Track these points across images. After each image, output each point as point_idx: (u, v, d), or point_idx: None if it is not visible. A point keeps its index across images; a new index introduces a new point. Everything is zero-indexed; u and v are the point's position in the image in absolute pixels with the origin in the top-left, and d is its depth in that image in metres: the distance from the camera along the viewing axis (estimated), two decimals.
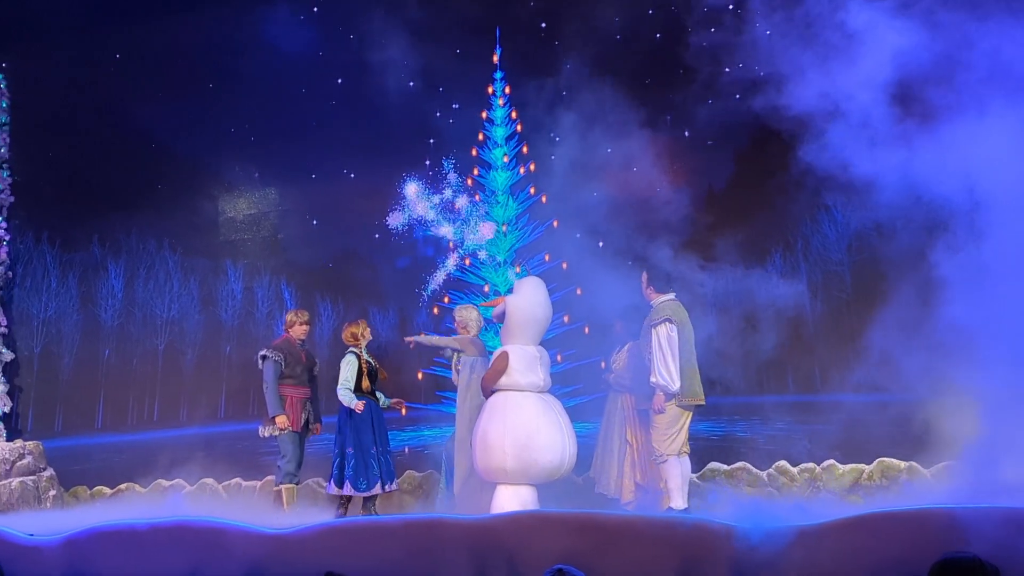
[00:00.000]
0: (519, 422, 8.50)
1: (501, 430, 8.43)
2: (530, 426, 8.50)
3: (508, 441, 8.38)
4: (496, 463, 8.37)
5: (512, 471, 8.40)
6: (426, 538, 7.09)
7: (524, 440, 8.43)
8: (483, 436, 8.47)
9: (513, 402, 8.65)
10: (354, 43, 12.55)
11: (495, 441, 8.40)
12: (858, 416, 9.82)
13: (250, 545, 7.34)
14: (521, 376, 8.67)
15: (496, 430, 8.44)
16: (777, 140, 10.15)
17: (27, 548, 7.82)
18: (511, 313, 8.80)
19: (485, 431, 8.48)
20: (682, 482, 8.58)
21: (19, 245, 14.04)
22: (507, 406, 8.60)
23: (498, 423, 8.47)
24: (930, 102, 9.38)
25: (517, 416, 8.54)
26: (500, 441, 8.39)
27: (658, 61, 10.74)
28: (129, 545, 7.61)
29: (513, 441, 8.40)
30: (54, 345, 13.82)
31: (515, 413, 8.56)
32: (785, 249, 10.53)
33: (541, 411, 8.59)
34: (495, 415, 8.51)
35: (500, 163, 11.07)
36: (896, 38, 9.09)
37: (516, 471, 8.41)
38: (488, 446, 8.40)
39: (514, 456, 8.37)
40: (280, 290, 12.76)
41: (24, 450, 12.80)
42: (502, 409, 8.56)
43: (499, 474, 8.40)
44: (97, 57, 13.91)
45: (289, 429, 9.58)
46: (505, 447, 8.37)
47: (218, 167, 13.31)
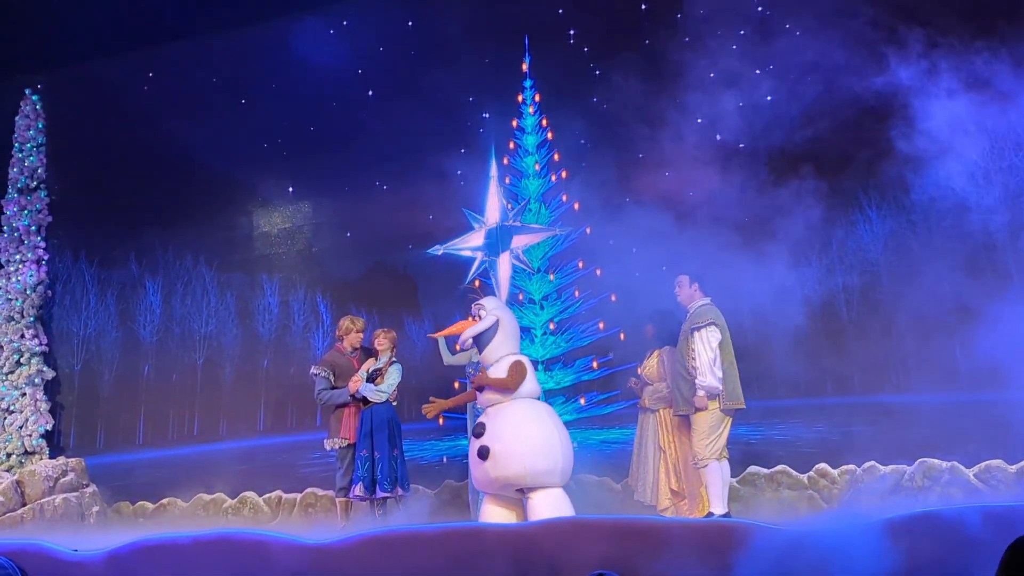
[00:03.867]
0: (559, 424, 8.60)
1: (551, 432, 8.45)
2: (564, 428, 8.63)
3: (559, 442, 8.42)
4: (549, 465, 8.34)
5: (564, 471, 8.42)
6: (466, 547, 7.08)
7: (568, 441, 8.52)
8: (529, 441, 8.36)
9: (543, 407, 8.73)
10: (384, 56, 12.63)
11: (546, 443, 8.37)
12: (898, 417, 9.75)
13: (292, 557, 7.36)
14: (534, 384, 8.75)
15: (545, 433, 8.42)
16: (810, 142, 10.13)
17: (71, 564, 7.87)
18: (505, 325, 8.79)
19: (531, 436, 8.38)
20: (722, 487, 8.55)
21: (58, 264, 14.18)
22: (540, 409, 8.63)
23: (546, 426, 8.47)
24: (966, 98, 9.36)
25: (555, 419, 8.63)
26: (552, 442, 8.39)
27: (687, 65, 10.71)
28: (172, 559, 7.65)
29: (562, 441, 8.46)
30: (94, 362, 13.94)
31: (552, 416, 8.65)
32: (820, 251, 10.46)
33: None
34: (533, 419, 8.47)
35: (531, 171, 11.07)
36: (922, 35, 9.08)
37: (566, 471, 8.45)
38: (538, 449, 8.33)
39: (565, 456, 8.40)
40: (316, 303, 12.82)
41: (67, 467, 12.93)
42: (539, 414, 8.57)
43: (550, 476, 8.37)
44: (131, 76, 14.04)
45: (346, 440, 9.64)
46: (557, 447, 8.38)
47: (252, 182, 13.40)
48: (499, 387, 8.56)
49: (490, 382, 8.59)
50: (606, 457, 10.64)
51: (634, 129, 10.83)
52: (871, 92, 9.86)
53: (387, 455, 9.41)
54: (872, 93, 9.84)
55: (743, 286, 9.85)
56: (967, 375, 9.58)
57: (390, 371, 9.54)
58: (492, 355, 8.73)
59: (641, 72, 10.85)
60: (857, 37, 10.11)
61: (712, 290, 8.99)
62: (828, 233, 10.41)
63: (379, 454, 9.37)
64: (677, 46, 11.01)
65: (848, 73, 10.05)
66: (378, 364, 9.60)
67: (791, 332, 10.08)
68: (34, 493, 12.61)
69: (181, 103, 13.58)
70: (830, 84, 10.32)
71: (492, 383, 8.58)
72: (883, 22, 10.13)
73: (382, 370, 9.57)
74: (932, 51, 9.44)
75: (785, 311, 10.04)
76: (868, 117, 9.82)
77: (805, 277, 10.41)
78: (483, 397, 8.69)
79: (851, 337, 10.29)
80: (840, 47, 10.17)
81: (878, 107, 9.80)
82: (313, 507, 11.94)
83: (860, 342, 10.23)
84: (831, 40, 10.26)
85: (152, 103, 13.77)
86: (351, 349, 9.99)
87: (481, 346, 8.77)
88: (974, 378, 9.29)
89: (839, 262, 10.46)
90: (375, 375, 9.55)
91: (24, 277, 13.68)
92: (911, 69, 9.48)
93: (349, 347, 9.99)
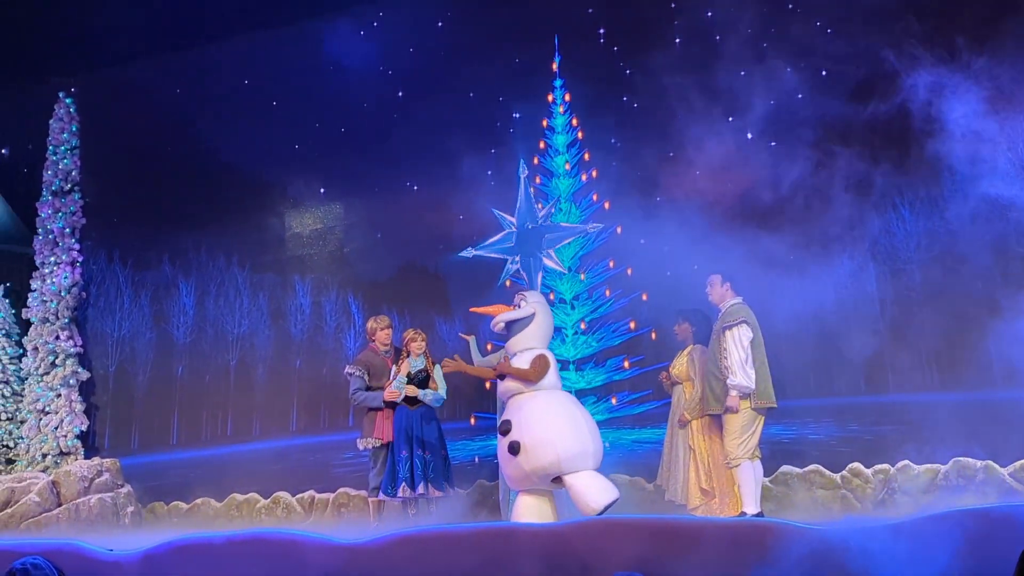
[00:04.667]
0: (582, 408, 8.79)
1: (576, 416, 8.51)
2: (587, 412, 8.84)
3: (585, 425, 8.51)
4: (580, 448, 8.36)
5: (595, 452, 8.46)
6: (498, 546, 7.10)
7: (593, 423, 8.66)
8: (556, 427, 8.37)
9: (563, 394, 8.88)
10: (414, 57, 12.65)
11: (574, 427, 8.41)
12: (932, 416, 9.68)
13: (324, 556, 7.40)
14: (556, 379, 8.84)
15: (571, 417, 8.48)
16: (842, 140, 10.08)
17: (107, 564, 7.94)
18: (540, 320, 8.88)
19: (557, 422, 8.40)
20: (755, 486, 8.53)
21: (92, 266, 14.28)
22: (561, 396, 8.78)
23: (570, 410, 8.55)
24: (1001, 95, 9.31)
25: (576, 404, 8.81)
26: (579, 425, 8.44)
27: (718, 63, 10.68)
28: (206, 558, 7.71)
29: (588, 423, 8.57)
30: (129, 363, 14.03)
31: (573, 401, 8.82)
32: (853, 249, 10.40)
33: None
34: (556, 406, 8.54)
35: (562, 170, 11.06)
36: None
37: (597, 452, 8.50)
38: (567, 434, 8.36)
39: (594, 438, 8.48)
40: (347, 303, 12.85)
41: (102, 467, 13.02)
42: (561, 400, 8.68)
43: (583, 459, 8.37)
44: (163, 79, 14.12)
45: (379, 441, 9.68)
46: (585, 430, 8.44)
47: (284, 183, 13.45)
48: (520, 377, 8.71)
49: (511, 371, 8.76)
50: (638, 457, 10.62)
51: (664, 128, 10.80)
52: (905, 89, 9.81)
53: (438, 454, 9.51)
54: (906, 90, 9.78)
55: (775, 285, 9.82)
56: (1001, 373, 9.50)
57: (438, 373, 9.63)
58: (518, 345, 8.88)
59: (671, 70, 10.81)
60: (890, 34, 10.06)
61: (744, 289, 8.96)
62: (861, 231, 10.33)
63: (429, 454, 9.43)
64: (707, 44, 10.99)
65: (881, 70, 9.99)
66: (418, 365, 9.60)
67: (824, 331, 10.04)
68: (69, 493, 12.70)
69: (213, 105, 13.64)
70: (863, 81, 10.27)
71: (516, 373, 8.73)
72: (916, 19, 10.08)
73: (425, 371, 9.60)
74: (967, 47, 9.38)
75: (818, 310, 10.00)
76: (901, 114, 9.75)
77: (838, 276, 10.34)
78: (503, 386, 8.83)
79: (885, 336, 10.21)
80: (873, 44, 10.12)
81: (912, 104, 9.73)
82: (346, 507, 11.97)
83: (894, 341, 10.15)
84: (863, 37, 10.22)
85: (184, 105, 13.83)
86: (384, 348, 10.03)
87: (511, 334, 8.91)
88: (1009, 376, 9.22)
89: (872, 260, 10.39)
90: (422, 378, 9.56)
91: (59, 279, 13.79)
92: (946, 65, 9.43)
93: (381, 346, 10.03)
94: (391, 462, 9.49)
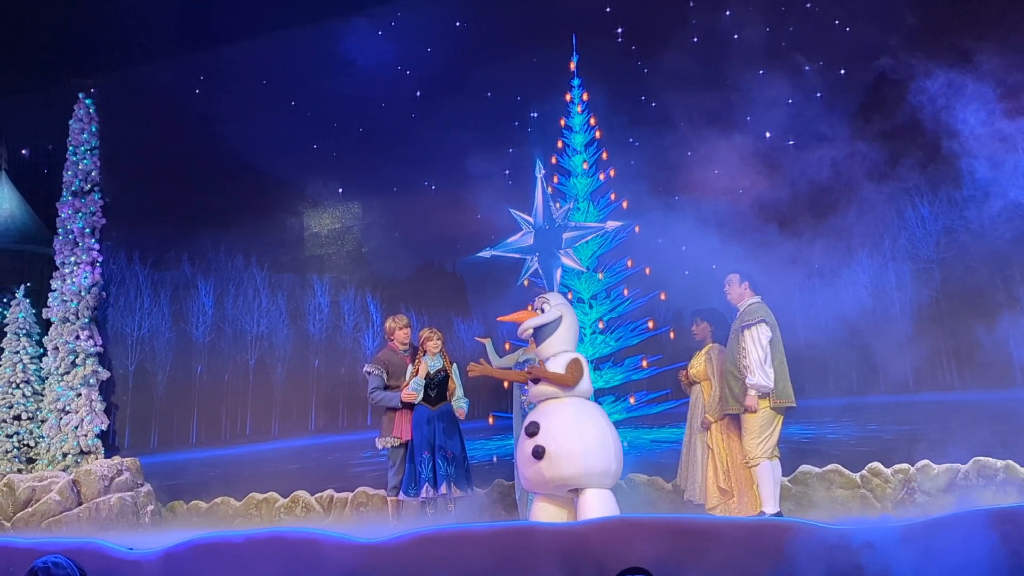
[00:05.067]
0: (611, 425, 8.60)
1: (606, 433, 8.44)
2: (615, 430, 8.65)
3: (613, 443, 8.41)
4: (604, 466, 8.33)
5: (616, 472, 8.42)
6: (516, 546, 7.10)
7: (619, 443, 8.54)
8: (585, 441, 8.32)
9: (595, 407, 8.73)
10: (432, 56, 12.65)
11: (602, 444, 8.36)
12: (951, 415, 9.66)
13: (344, 555, 7.41)
14: (589, 383, 8.72)
15: (601, 433, 8.42)
16: (861, 138, 10.05)
17: (127, 562, 7.97)
18: (568, 322, 8.79)
19: (586, 436, 8.34)
20: (774, 486, 8.51)
21: (112, 266, 14.34)
22: (594, 410, 8.63)
23: (601, 426, 8.46)
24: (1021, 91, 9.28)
25: (607, 420, 8.63)
26: (607, 443, 8.39)
27: (735, 62, 10.66)
28: (226, 557, 7.73)
29: (615, 442, 8.46)
30: (148, 363, 14.09)
31: (604, 417, 8.65)
32: (872, 248, 10.37)
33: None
34: (588, 419, 8.45)
35: (580, 170, 11.06)
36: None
37: (617, 472, 8.46)
38: (594, 450, 8.31)
39: (617, 458, 8.41)
40: (366, 302, 12.87)
41: (122, 467, 13.07)
42: (593, 414, 8.56)
43: (604, 477, 8.36)
44: (182, 79, 14.16)
45: (398, 440, 9.71)
46: (612, 449, 8.38)
47: (302, 183, 13.47)
48: (557, 382, 8.50)
49: (549, 375, 8.53)
50: (656, 456, 10.62)
51: (683, 127, 10.79)
52: (925, 88, 9.77)
53: (459, 453, 9.54)
54: (926, 89, 9.75)
55: (794, 284, 9.81)
56: (1022, 372, 9.47)
57: (456, 376, 9.65)
58: (550, 349, 8.69)
59: (689, 69, 10.80)
60: (909, 32, 10.02)
61: (762, 288, 8.94)
62: (880, 230, 10.31)
63: (451, 453, 9.45)
64: (725, 43, 10.97)
65: (900, 68, 9.95)
66: (436, 365, 9.62)
67: (843, 330, 10.01)
68: (90, 492, 12.76)
69: (232, 105, 13.67)
70: (882, 80, 10.24)
71: (551, 377, 8.52)
72: (935, 16, 10.05)
73: (443, 371, 9.63)
74: (986, 46, 9.33)
75: (837, 309, 9.98)
76: (920, 112, 9.71)
77: (857, 274, 10.33)
78: (536, 390, 8.64)
79: (904, 335, 10.16)
80: (892, 42, 10.09)
81: (931, 103, 9.70)
82: (364, 506, 12.00)
83: (913, 340, 10.10)
84: (882, 36, 10.19)
85: (203, 106, 13.86)
86: (402, 348, 10.05)
87: (540, 339, 8.73)
88: None
89: (891, 259, 10.36)
90: (442, 378, 9.58)
91: (79, 279, 13.85)
92: (964, 63, 9.39)
93: (400, 345, 10.05)
94: (411, 463, 9.50)
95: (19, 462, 13.53)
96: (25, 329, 13.99)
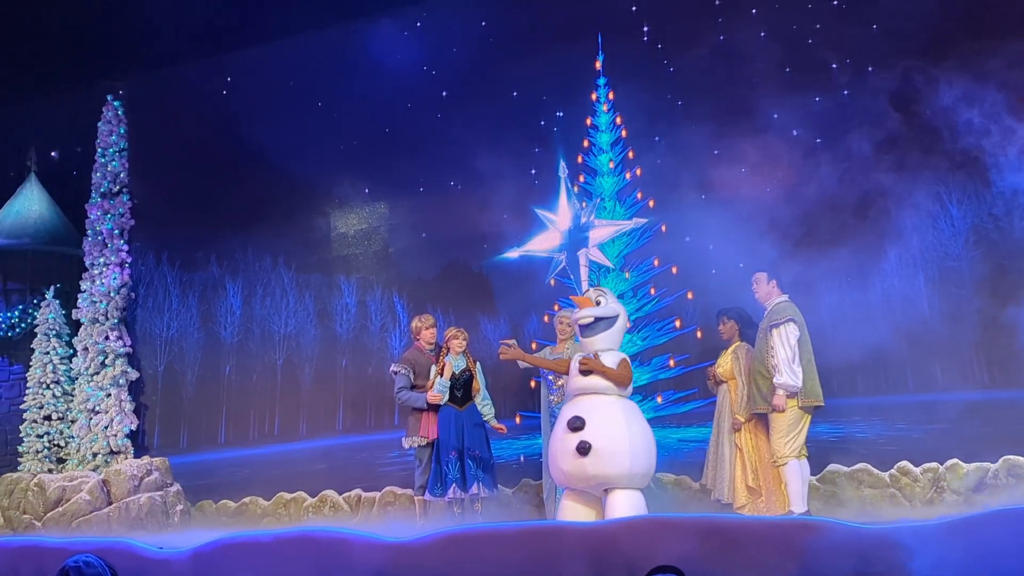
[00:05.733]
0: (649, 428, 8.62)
1: (649, 436, 8.46)
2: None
3: (654, 445, 8.46)
4: (646, 469, 8.36)
5: (650, 476, 8.47)
6: (545, 545, 7.09)
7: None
8: (633, 442, 8.31)
9: (639, 409, 8.73)
10: (458, 56, 12.66)
11: (647, 446, 8.38)
12: (981, 414, 9.60)
13: (372, 554, 7.43)
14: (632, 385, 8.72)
15: (646, 436, 8.43)
16: (889, 136, 10.01)
17: (157, 561, 8.01)
18: (624, 322, 8.78)
19: (634, 437, 8.32)
20: (802, 485, 8.49)
21: (141, 267, 14.40)
22: (638, 411, 8.65)
23: (646, 429, 8.48)
24: None
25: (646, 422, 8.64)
26: (650, 446, 8.41)
27: (763, 60, 10.63)
28: (254, 556, 7.76)
29: (654, 445, 8.51)
30: (177, 363, 14.15)
31: (645, 420, 8.65)
32: (900, 247, 10.31)
33: None
34: (635, 420, 8.46)
35: (606, 169, 11.05)
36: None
37: (650, 476, 8.52)
38: (640, 452, 8.31)
39: (654, 461, 8.46)
40: (392, 303, 12.89)
41: (151, 466, 13.15)
42: (639, 415, 8.58)
43: (642, 479, 8.38)
44: (209, 81, 14.22)
45: (425, 439, 9.74)
46: (653, 451, 8.41)
47: (329, 184, 13.50)
48: (613, 378, 8.42)
49: (606, 370, 8.44)
50: (683, 455, 10.59)
51: (709, 125, 10.77)
52: (951, 85, 9.73)
53: (486, 453, 9.56)
54: (952, 85, 9.70)
55: (821, 283, 9.77)
56: None
57: (480, 377, 9.67)
58: (599, 344, 8.61)
59: (716, 68, 10.79)
60: (937, 30, 9.96)
61: (789, 287, 8.92)
62: (908, 228, 10.25)
63: (479, 452, 9.48)
64: (752, 41, 10.94)
65: (927, 66, 9.91)
66: (460, 365, 9.64)
67: (871, 329, 9.96)
68: (120, 492, 12.84)
69: (259, 107, 13.70)
70: (909, 77, 10.18)
71: (607, 372, 8.43)
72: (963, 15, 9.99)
73: (468, 371, 9.65)
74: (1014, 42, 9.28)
75: (865, 307, 9.94)
76: (947, 110, 9.66)
77: (885, 273, 10.28)
78: (581, 383, 8.52)
79: (933, 333, 10.12)
80: (920, 40, 10.03)
81: (958, 100, 9.65)
82: (392, 505, 12.03)
83: (942, 338, 10.06)
84: (910, 34, 10.12)
85: (230, 107, 13.90)
86: (429, 347, 10.08)
87: (592, 332, 8.61)
88: None
89: (920, 257, 10.30)
90: (466, 378, 9.61)
91: (108, 280, 13.93)
92: (992, 60, 9.34)
93: (427, 345, 10.08)
94: (437, 463, 9.53)
95: (49, 462, 13.62)
96: (55, 330, 14.08)
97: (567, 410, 8.57)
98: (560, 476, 8.55)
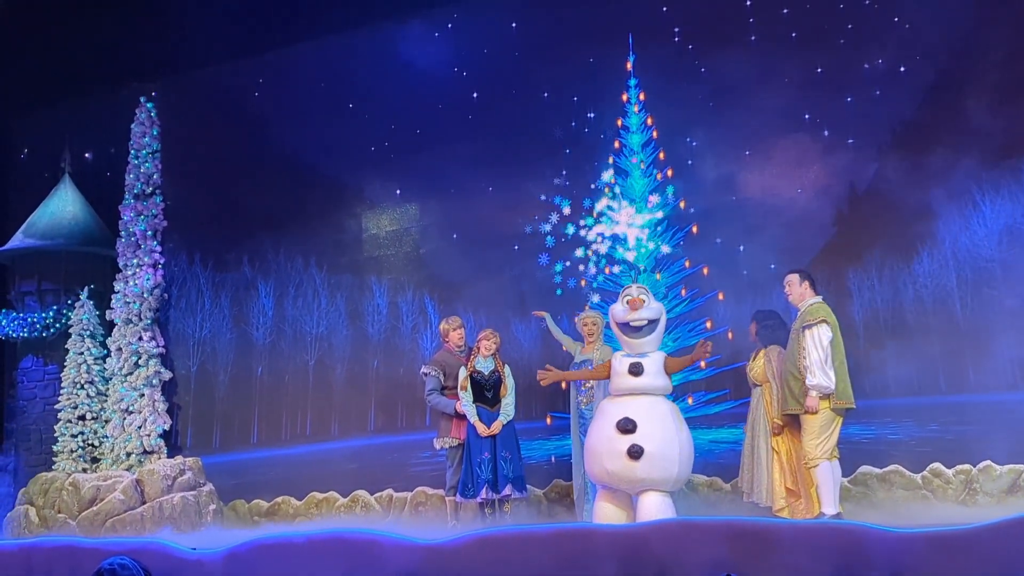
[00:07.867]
0: None
1: (691, 442, 8.56)
2: None
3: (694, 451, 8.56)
4: (687, 472, 8.47)
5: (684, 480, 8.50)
6: (576, 547, 7.11)
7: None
8: (683, 447, 8.33)
9: (680, 413, 8.78)
10: (488, 58, 12.68)
11: (691, 451, 8.51)
12: (1014, 415, 9.54)
13: (403, 556, 7.46)
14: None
15: (689, 439, 8.54)
16: (920, 136, 9.96)
17: (190, 562, 8.07)
18: (664, 318, 8.83)
19: (683, 442, 8.35)
20: (834, 487, 8.46)
21: (174, 268, 14.48)
22: (681, 415, 8.71)
23: (689, 435, 8.59)
24: None
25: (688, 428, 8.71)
26: (692, 452, 8.52)
27: (794, 60, 10.61)
28: (287, 557, 7.80)
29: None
30: (210, 363, 14.22)
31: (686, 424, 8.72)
32: (932, 246, 10.25)
33: None
34: (683, 426, 8.53)
35: (637, 170, 11.05)
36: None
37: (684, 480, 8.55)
38: (687, 457, 8.40)
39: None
40: (424, 304, 12.92)
41: (184, 466, 13.22)
42: (683, 420, 8.65)
43: (678, 484, 8.47)
44: (241, 83, 14.30)
45: (456, 440, 9.78)
46: (693, 457, 8.50)
47: (360, 185, 13.53)
48: (678, 370, 8.76)
49: (683, 365, 8.78)
50: (715, 457, 10.58)
51: (740, 126, 10.76)
52: (982, 83, 9.68)
53: (516, 454, 9.58)
54: (983, 83, 9.65)
55: (853, 284, 9.73)
56: None
57: (509, 380, 9.68)
58: (650, 346, 8.70)
59: (747, 68, 10.76)
60: (968, 30, 9.90)
61: (822, 288, 8.89)
62: (941, 228, 10.19)
63: (509, 454, 9.49)
64: (783, 41, 10.91)
65: (958, 65, 9.86)
66: (488, 367, 9.66)
67: (903, 330, 9.92)
68: (153, 492, 12.92)
69: (290, 108, 13.77)
70: (940, 76, 10.13)
71: (682, 366, 8.76)
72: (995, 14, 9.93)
73: (496, 372, 9.66)
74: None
75: (897, 309, 9.89)
76: (980, 109, 9.61)
77: (917, 273, 10.23)
78: (631, 383, 8.56)
79: (965, 334, 10.06)
80: (951, 40, 9.97)
81: (990, 98, 9.60)
82: (423, 506, 12.06)
83: (974, 339, 10.00)
84: (941, 33, 10.07)
85: (262, 108, 13.97)
86: (458, 349, 10.12)
87: (646, 333, 8.67)
88: None
89: (952, 257, 10.23)
90: (494, 380, 9.62)
91: (141, 281, 14.00)
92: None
93: (456, 347, 10.12)
94: (468, 464, 9.55)
95: (84, 461, 13.73)
96: (89, 330, 14.19)
97: (612, 408, 8.56)
98: (603, 475, 8.53)
